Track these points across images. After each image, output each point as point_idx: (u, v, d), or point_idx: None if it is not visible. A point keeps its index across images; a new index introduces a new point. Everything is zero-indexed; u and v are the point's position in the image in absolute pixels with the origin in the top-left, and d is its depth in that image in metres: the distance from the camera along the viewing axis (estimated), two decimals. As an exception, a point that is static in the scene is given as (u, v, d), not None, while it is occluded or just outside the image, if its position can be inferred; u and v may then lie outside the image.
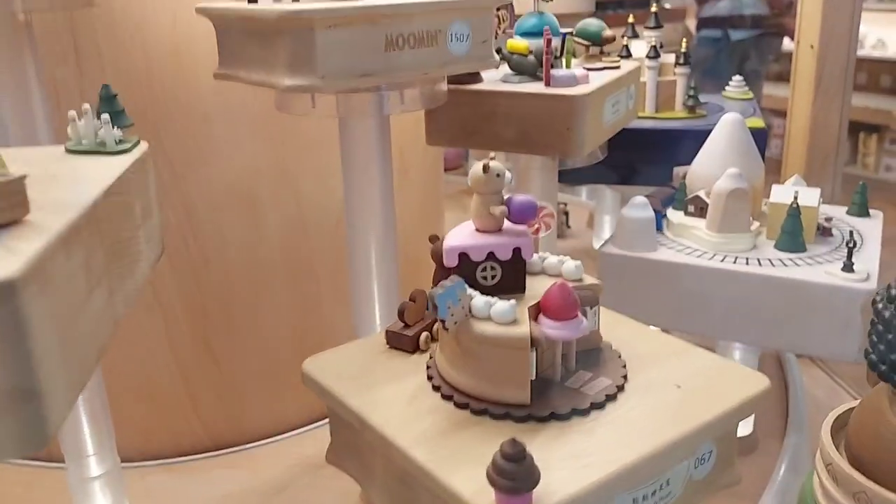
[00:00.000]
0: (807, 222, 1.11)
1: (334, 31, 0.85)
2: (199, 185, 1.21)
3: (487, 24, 1.00)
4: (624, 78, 1.23)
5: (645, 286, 1.13)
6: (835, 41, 1.48)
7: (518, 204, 0.78)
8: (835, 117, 1.52)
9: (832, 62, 1.48)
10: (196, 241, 1.24)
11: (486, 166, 0.77)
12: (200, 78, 1.16)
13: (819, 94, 1.51)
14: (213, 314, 1.28)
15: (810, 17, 1.50)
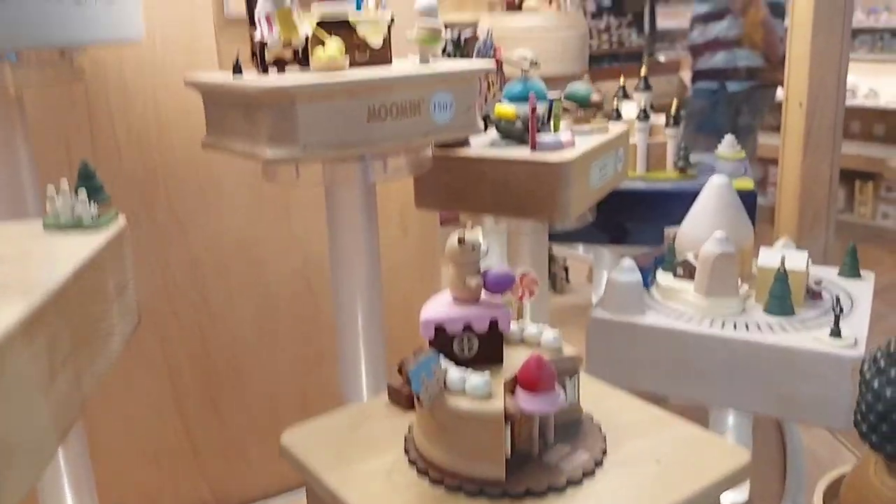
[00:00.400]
0: (795, 286, 1.11)
1: (316, 104, 0.86)
2: (206, 242, 1.24)
3: (471, 92, 1.01)
4: (612, 141, 1.24)
5: (634, 351, 1.13)
6: (823, 98, 1.50)
7: (494, 276, 0.79)
8: (825, 172, 1.53)
9: (821, 119, 1.50)
10: (203, 299, 1.26)
11: (461, 238, 0.77)
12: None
13: (809, 151, 1.52)
14: (220, 372, 1.29)
15: (798, 75, 1.53)
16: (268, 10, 0.89)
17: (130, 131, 1.19)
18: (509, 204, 1.11)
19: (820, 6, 1.45)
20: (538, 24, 1.61)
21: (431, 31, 0.99)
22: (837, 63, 1.50)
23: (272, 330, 1.34)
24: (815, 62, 1.48)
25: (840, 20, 1.48)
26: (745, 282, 1.18)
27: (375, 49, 0.98)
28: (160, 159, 1.21)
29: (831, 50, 1.47)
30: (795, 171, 1.56)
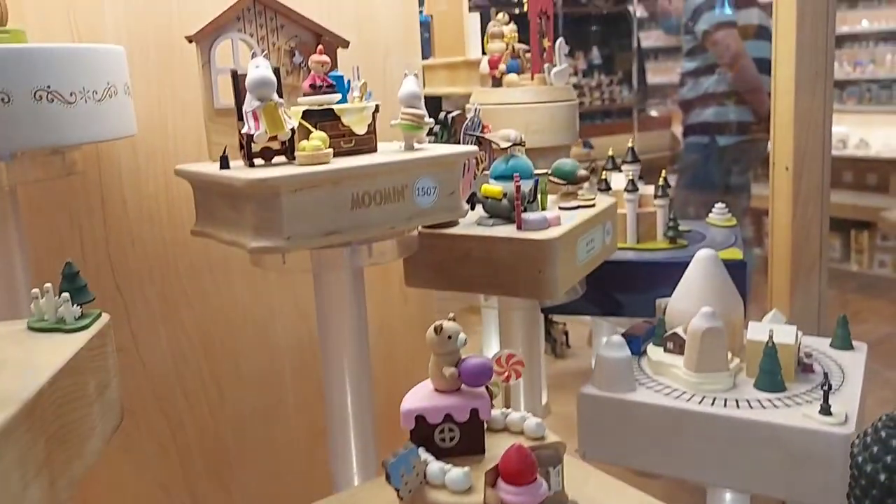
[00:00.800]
0: (785, 360, 1.10)
1: (300, 194, 0.88)
2: (215, 318, 1.27)
3: (454, 176, 1.03)
4: (598, 215, 1.25)
5: (625, 427, 1.12)
6: (809, 161, 1.52)
7: (470, 369, 0.79)
8: (815, 231, 1.55)
9: (808, 181, 1.52)
10: (212, 376, 1.28)
11: (437, 327, 0.78)
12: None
13: (798, 213, 1.54)
14: (228, 449, 1.31)
15: (783, 139, 1.55)
16: (254, 107, 0.91)
17: (142, 211, 1.22)
18: (496, 282, 1.12)
19: (801, 70, 1.48)
20: (526, 98, 1.64)
21: (414, 119, 1.01)
22: (821, 125, 1.52)
23: (279, 404, 1.35)
24: (799, 126, 1.51)
25: (822, 83, 1.51)
26: (735, 355, 1.18)
27: (361, 136, 1.01)
28: (170, 237, 1.24)
29: (815, 112, 1.50)
30: (786, 232, 1.58)
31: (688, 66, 2.63)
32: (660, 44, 3.72)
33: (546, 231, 1.11)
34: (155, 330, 1.26)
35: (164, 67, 1.19)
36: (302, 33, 1.08)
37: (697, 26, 2.53)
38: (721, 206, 1.64)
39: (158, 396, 1.29)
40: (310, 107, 0.98)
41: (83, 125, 0.85)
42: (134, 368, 1.26)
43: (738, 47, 2.46)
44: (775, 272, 1.64)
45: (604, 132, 3.32)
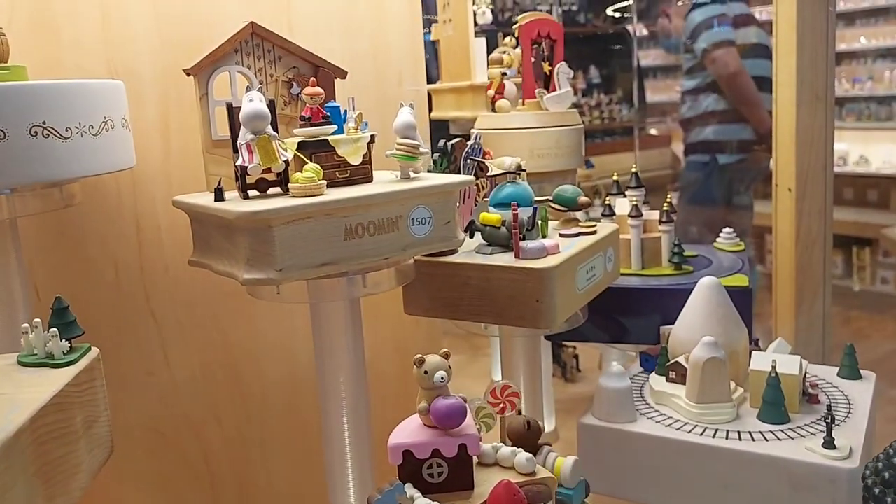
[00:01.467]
0: (788, 391, 1.08)
1: (292, 226, 0.89)
2: (243, 340, 1.32)
3: (449, 206, 1.03)
4: (599, 242, 1.24)
5: (625, 458, 1.11)
6: (811, 182, 1.52)
7: (439, 409, 0.77)
8: (818, 254, 1.54)
9: (811, 202, 1.52)
10: (241, 398, 1.32)
11: (417, 360, 0.78)
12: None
13: (801, 235, 1.53)
14: (257, 468, 1.33)
15: (785, 160, 1.55)
16: (248, 139, 0.92)
17: (175, 238, 1.24)
18: (494, 310, 1.11)
19: (802, 91, 1.48)
20: (530, 123, 1.64)
21: (409, 149, 1.02)
22: (823, 146, 1.52)
23: (304, 426, 1.37)
24: (801, 147, 1.51)
25: (823, 105, 1.50)
26: (739, 385, 1.16)
27: (356, 167, 1.01)
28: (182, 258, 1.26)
29: (816, 133, 1.50)
30: (789, 254, 1.57)
31: (687, 84, 2.63)
32: (659, 62, 3.73)
33: (544, 260, 1.10)
34: (188, 353, 1.29)
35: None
36: (300, 64, 1.09)
37: (697, 45, 2.53)
38: (729, 231, 1.62)
39: (189, 418, 1.31)
40: (305, 138, 0.98)
41: (79, 160, 0.86)
42: (166, 390, 1.29)
43: (738, 66, 2.45)
44: (779, 293, 1.63)
45: (604, 151, 3.31)
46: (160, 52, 1.19)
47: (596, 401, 1.15)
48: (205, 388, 1.31)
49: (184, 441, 1.31)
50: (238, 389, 1.33)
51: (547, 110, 1.61)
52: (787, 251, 1.57)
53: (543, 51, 1.60)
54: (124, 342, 1.24)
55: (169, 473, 1.30)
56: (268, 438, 1.37)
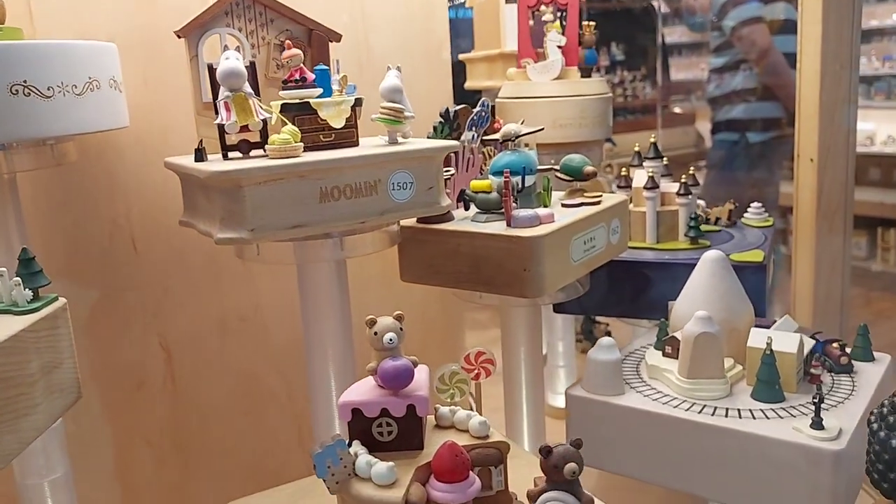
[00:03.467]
0: (785, 370, 1.04)
1: (264, 187, 0.90)
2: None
3: (432, 171, 1.02)
4: (602, 213, 1.22)
5: (612, 432, 1.09)
6: (834, 153, 1.47)
7: (387, 369, 0.77)
8: (839, 224, 1.50)
9: (833, 173, 1.48)
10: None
11: (369, 321, 0.78)
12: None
13: (821, 205, 1.49)
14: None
15: (808, 131, 1.50)
16: (225, 97, 0.93)
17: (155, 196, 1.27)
18: (483, 279, 1.10)
19: (826, 62, 1.42)
20: (553, 91, 1.61)
21: (392, 113, 1.01)
22: (846, 117, 1.47)
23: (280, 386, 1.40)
24: (823, 117, 1.45)
25: (847, 75, 1.44)
26: (740, 362, 1.12)
27: (341, 130, 1.01)
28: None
29: (840, 104, 1.44)
30: (809, 223, 1.52)
31: (715, 62, 2.56)
32: (684, 39, 3.60)
33: (535, 228, 1.08)
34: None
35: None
36: (293, 27, 1.10)
37: (725, 22, 2.45)
38: (757, 206, 1.56)
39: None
40: (288, 101, 0.99)
41: (60, 119, 0.89)
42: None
43: (767, 42, 2.38)
44: (798, 264, 1.58)
45: (627, 129, 3.22)
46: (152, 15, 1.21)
47: (585, 373, 1.13)
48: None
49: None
50: (229, 350, 1.36)
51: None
52: (808, 222, 1.52)
53: (547, 17, 1.56)
54: (120, 299, 1.27)
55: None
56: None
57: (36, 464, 1.06)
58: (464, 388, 0.98)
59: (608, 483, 1.33)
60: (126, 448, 1.31)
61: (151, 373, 1.31)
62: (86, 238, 1.22)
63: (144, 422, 1.32)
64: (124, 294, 1.27)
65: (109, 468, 1.30)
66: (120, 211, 1.24)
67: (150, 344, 1.30)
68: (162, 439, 1.34)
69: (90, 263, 1.23)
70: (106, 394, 1.27)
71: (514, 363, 1.30)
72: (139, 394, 1.31)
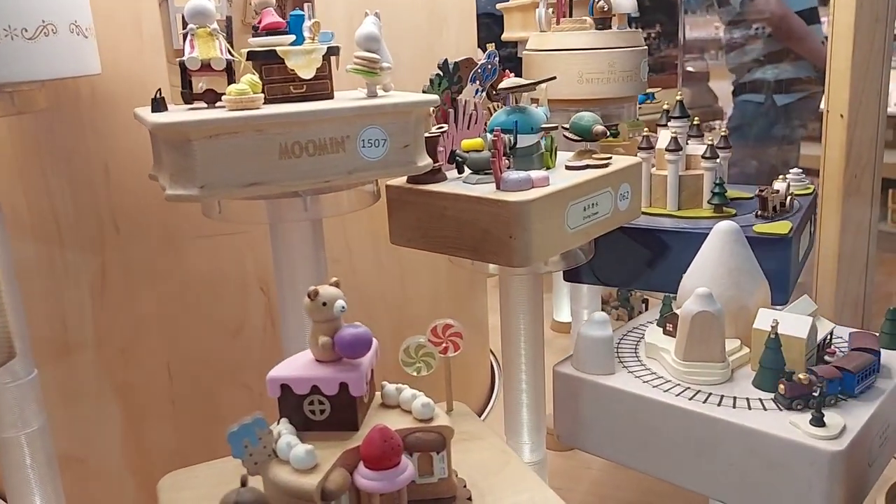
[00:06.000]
0: (792, 356, 0.94)
1: (216, 140, 0.84)
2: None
3: (410, 127, 0.95)
4: (608, 177, 1.12)
5: (599, 413, 1.01)
6: (864, 110, 1.39)
7: (346, 338, 0.72)
8: (867, 183, 1.40)
9: (862, 130, 1.39)
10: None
11: (311, 293, 0.72)
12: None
13: (850, 163, 1.41)
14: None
15: (838, 85, 1.41)
16: (189, 30, 0.89)
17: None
18: (469, 244, 1.03)
19: (861, 15, 1.29)
20: (579, 44, 1.50)
21: (366, 64, 0.94)
22: (879, 74, 1.38)
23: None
24: (856, 74, 1.37)
25: (882, 29, 1.32)
26: (748, 344, 1.03)
27: (313, 82, 0.95)
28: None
29: (873, 60, 1.35)
30: (837, 181, 1.42)
31: (731, 35, 2.46)
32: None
33: (524, 193, 1.00)
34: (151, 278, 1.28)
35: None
36: (274, -30, 1.02)
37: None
38: (798, 172, 1.42)
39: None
40: (257, 48, 0.93)
41: (9, 63, 0.85)
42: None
43: (780, 8, 2.27)
44: (824, 226, 1.47)
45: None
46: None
47: (575, 348, 1.05)
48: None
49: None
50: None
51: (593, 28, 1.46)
52: (835, 181, 1.43)
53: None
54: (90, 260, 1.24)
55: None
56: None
57: (10, 417, 1.05)
58: (430, 361, 0.92)
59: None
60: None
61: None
62: (56, 189, 1.19)
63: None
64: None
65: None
66: (92, 161, 1.20)
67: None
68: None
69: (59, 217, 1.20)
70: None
71: (513, 336, 1.22)
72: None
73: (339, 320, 0.73)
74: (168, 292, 1.27)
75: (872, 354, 0.95)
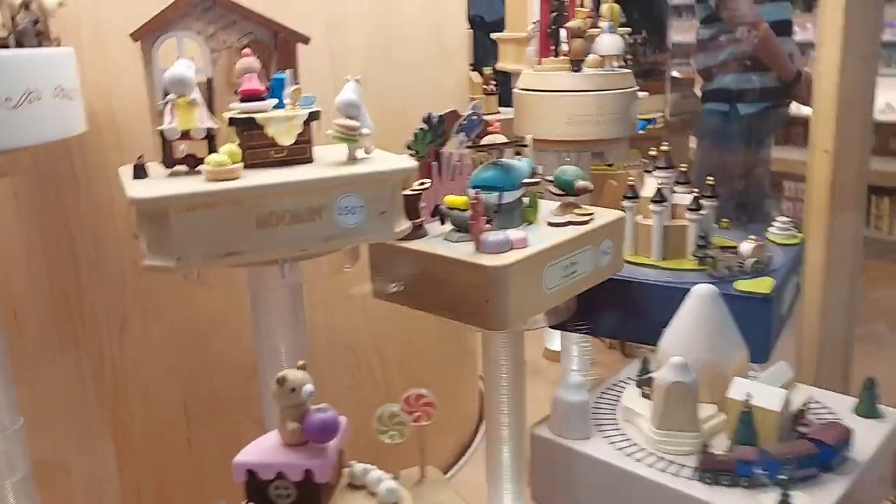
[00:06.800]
0: (765, 429, 0.95)
1: (193, 213, 0.85)
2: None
3: (386, 194, 0.95)
4: (589, 235, 1.12)
5: (574, 477, 1.02)
6: (849, 146, 1.44)
7: (314, 424, 0.73)
8: (851, 219, 1.47)
9: (846, 167, 1.45)
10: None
11: (279, 379, 0.73)
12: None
13: (835, 198, 1.47)
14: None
15: (823, 123, 1.45)
16: (170, 99, 0.90)
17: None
18: (448, 304, 1.03)
19: (846, 58, 1.36)
20: (565, 85, 1.51)
21: (346, 131, 0.94)
22: (863, 112, 1.44)
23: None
24: (841, 112, 1.42)
25: (868, 69, 1.41)
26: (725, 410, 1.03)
27: (294, 146, 0.95)
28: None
29: (859, 100, 1.42)
30: (823, 223, 1.49)
31: (704, 33, 2.46)
32: (687, 0, 3.46)
33: (501, 256, 1.00)
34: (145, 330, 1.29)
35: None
36: (257, 30, 1.03)
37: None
38: (784, 221, 1.42)
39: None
40: (237, 115, 0.93)
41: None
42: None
43: (752, 13, 2.29)
44: (810, 255, 1.54)
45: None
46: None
47: (551, 411, 1.05)
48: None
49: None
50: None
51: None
52: (822, 211, 1.50)
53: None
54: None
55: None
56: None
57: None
58: (403, 430, 0.93)
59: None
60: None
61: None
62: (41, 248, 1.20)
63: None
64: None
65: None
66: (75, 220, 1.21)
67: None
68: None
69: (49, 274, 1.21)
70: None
71: (494, 390, 1.21)
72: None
73: (306, 404, 0.74)
74: (184, 333, 1.29)
75: (816, 445, 0.93)
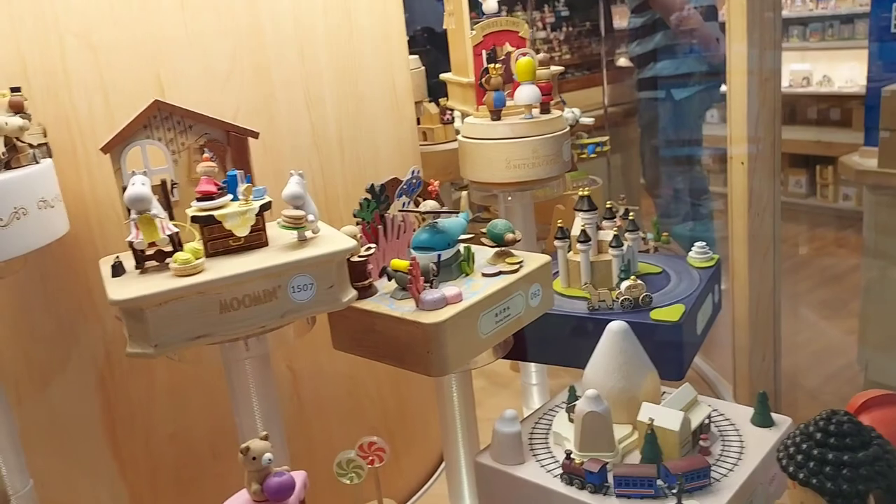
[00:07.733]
0: (667, 447, 1.11)
1: (165, 307, 1.00)
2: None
3: (332, 271, 1.11)
4: (518, 282, 1.28)
5: (512, 499, 1.18)
6: (762, 157, 1.63)
7: (272, 486, 0.88)
8: (768, 225, 1.66)
9: (761, 175, 1.64)
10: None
11: (243, 449, 0.88)
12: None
13: (752, 204, 1.65)
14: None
15: (738, 136, 1.63)
16: (133, 218, 1.04)
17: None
18: (395, 355, 1.19)
19: (752, 84, 1.57)
20: (502, 133, 1.66)
21: (293, 221, 1.10)
22: (773, 126, 1.62)
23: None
24: (750, 126, 1.61)
25: (770, 90, 1.59)
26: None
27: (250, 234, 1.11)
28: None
29: (766, 108, 1.60)
30: (743, 218, 1.68)
31: (634, 22, 2.60)
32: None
33: (437, 312, 1.16)
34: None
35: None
36: (211, 130, 1.18)
37: None
38: (701, 246, 1.59)
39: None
40: (196, 213, 1.09)
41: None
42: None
43: (681, 2, 2.42)
44: (734, 255, 1.75)
45: (578, 86, 3.26)
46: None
47: (491, 441, 1.22)
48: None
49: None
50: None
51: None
52: (742, 216, 1.70)
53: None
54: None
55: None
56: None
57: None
58: (360, 472, 1.09)
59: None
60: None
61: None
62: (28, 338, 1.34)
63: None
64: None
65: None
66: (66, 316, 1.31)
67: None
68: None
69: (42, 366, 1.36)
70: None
71: (449, 426, 1.36)
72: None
73: (268, 468, 0.90)
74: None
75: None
